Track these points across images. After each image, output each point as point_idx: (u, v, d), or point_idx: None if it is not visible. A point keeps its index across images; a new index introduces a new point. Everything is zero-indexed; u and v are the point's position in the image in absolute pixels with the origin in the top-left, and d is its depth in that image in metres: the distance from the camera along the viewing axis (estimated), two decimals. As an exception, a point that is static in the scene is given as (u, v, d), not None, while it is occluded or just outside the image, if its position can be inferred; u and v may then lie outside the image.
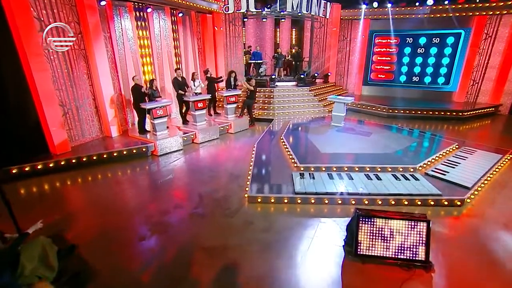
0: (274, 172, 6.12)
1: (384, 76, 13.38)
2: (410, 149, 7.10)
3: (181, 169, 6.87)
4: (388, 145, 7.23)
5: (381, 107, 11.26)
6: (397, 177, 5.67)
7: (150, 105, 7.46)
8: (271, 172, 6.11)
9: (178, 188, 5.96)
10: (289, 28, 15.31)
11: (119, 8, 7.97)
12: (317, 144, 7.31)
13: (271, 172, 6.13)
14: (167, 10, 9.23)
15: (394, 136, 8.10)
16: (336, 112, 8.84)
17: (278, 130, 9.03)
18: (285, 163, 6.49)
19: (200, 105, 8.56)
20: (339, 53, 13.79)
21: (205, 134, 8.48)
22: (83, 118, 7.57)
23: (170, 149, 7.71)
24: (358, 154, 6.66)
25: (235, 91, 9.51)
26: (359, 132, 8.30)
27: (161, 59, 9.39)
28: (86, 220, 4.83)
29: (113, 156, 7.07)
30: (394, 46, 12.82)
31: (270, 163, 6.60)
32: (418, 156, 6.59)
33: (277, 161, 6.65)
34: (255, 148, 7.48)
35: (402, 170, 5.99)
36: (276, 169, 6.25)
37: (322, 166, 6.07)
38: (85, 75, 7.48)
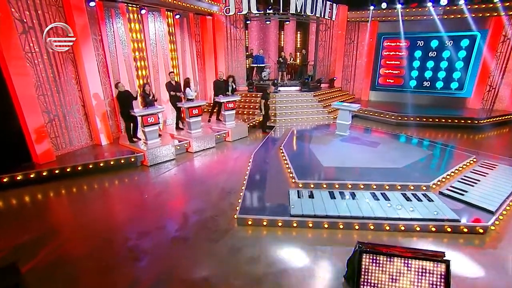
0: (269, 188, 5.49)
1: (393, 81, 12.61)
2: (421, 162, 6.37)
3: (169, 182, 6.31)
4: (397, 157, 6.52)
5: (390, 114, 10.51)
6: (407, 197, 4.98)
7: (140, 112, 6.95)
8: (266, 189, 5.48)
9: (163, 204, 5.39)
10: (294, 31, 14.69)
11: (110, 10, 7.51)
12: (319, 155, 6.65)
13: (266, 188, 5.51)
14: (163, 12, 8.75)
15: (404, 147, 7.38)
16: (340, 120, 8.16)
17: (279, 138, 8.41)
18: (283, 178, 5.86)
19: (195, 111, 8.01)
20: (346, 56, 13.10)
21: (200, 142, 7.92)
22: (71, 125, 7.11)
23: (162, 159, 7.17)
24: (363, 168, 5.97)
25: (233, 97, 8.93)
26: (366, 142, 7.61)
27: (156, 63, 8.90)
28: (53, 242, 4.29)
29: (99, 166, 6.56)
30: (404, 49, 12.05)
31: (266, 177, 5.97)
32: (431, 172, 5.87)
33: (274, 175, 6.03)
34: (251, 160, 6.88)
35: (413, 188, 5.28)
36: (272, 185, 5.62)
37: (323, 182, 5.41)
38: (73, 80, 7.03)
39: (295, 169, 5.91)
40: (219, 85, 8.84)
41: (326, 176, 5.69)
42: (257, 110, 10.60)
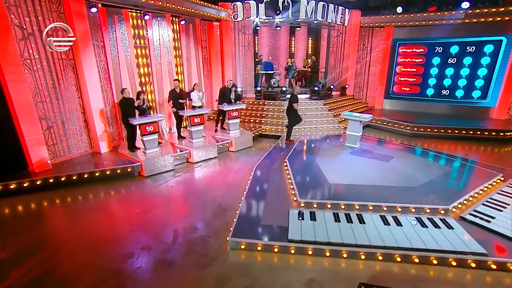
0: (268, 207, 5.01)
1: (408, 89, 11.87)
2: (439, 180, 5.71)
3: (165, 195, 5.95)
4: (411, 174, 5.89)
5: (405, 124, 9.80)
6: (423, 222, 4.37)
7: (139, 120, 6.67)
8: (264, 208, 5.00)
9: (154, 220, 5.02)
10: (305, 37, 14.23)
11: (113, 16, 7.34)
12: (325, 170, 6.11)
13: (264, 207, 5.02)
14: (167, 18, 8.53)
15: (419, 162, 6.71)
16: (351, 131, 7.59)
17: (284, 150, 7.92)
18: (284, 195, 5.36)
19: (197, 120, 7.66)
20: (358, 63, 12.49)
21: (201, 152, 7.56)
22: (70, 133, 6.92)
23: (160, 170, 6.85)
24: (373, 186, 5.39)
25: (238, 105, 8.55)
26: (377, 155, 6.99)
27: (160, 70, 8.66)
28: (33, 259, 3.97)
29: (95, 176, 6.30)
30: (421, 56, 11.33)
31: (265, 194, 5.49)
32: (450, 192, 5.20)
33: (275, 192, 5.54)
34: (252, 173, 6.43)
35: (430, 211, 4.66)
36: (271, 203, 5.13)
37: (327, 202, 4.88)
38: (73, 87, 6.86)
39: (298, 185, 5.41)
40: (225, 93, 8.48)
41: (332, 195, 5.15)
42: (264, 119, 10.19)
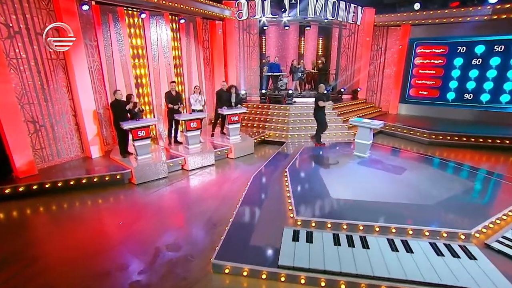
0: (261, 224, 4.58)
1: (426, 93, 11.17)
2: (460, 198, 5.11)
3: (153, 205, 5.62)
4: (426, 189, 5.32)
5: (421, 131, 9.15)
6: (438, 249, 3.83)
7: (130, 124, 6.41)
8: (257, 225, 4.58)
9: (137, 234, 4.69)
10: (316, 37, 13.74)
11: (108, 14, 7.15)
12: (329, 183, 5.63)
13: (257, 224, 4.60)
14: (166, 16, 8.29)
15: (437, 175, 6.11)
16: (359, 139, 7.06)
17: (286, 158, 7.47)
18: (280, 210, 4.92)
19: (194, 125, 7.34)
20: (371, 65, 11.90)
21: (197, 159, 7.22)
22: (60, 136, 6.74)
23: (152, 177, 6.55)
24: (382, 203, 4.86)
25: (238, 109, 8.18)
26: (388, 167, 6.44)
27: (157, 71, 8.42)
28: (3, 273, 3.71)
29: (81, 183, 6.06)
30: (441, 56, 10.64)
31: (260, 209, 5.06)
32: (472, 213, 4.62)
33: (270, 207, 5.11)
34: (249, 183, 6.02)
35: (447, 236, 4.11)
36: (265, 220, 4.70)
37: (327, 221, 4.40)
38: (64, 88, 6.69)
39: (296, 200, 4.96)
40: (221, 95, 8.13)
41: (333, 213, 4.66)
42: (267, 123, 9.78)
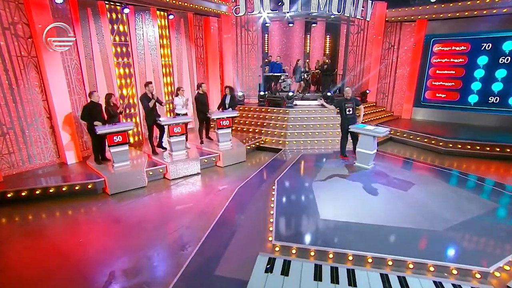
0: (233, 249, 4.02)
1: (444, 96, 10.31)
2: (478, 223, 4.36)
3: (121, 220, 5.15)
4: (437, 211, 4.61)
5: (437, 138, 8.34)
6: (445, 292, 3.15)
7: (104, 129, 6.00)
8: (229, 249, 4.01)
9: (95, 254, 4.22)
10: (323, 35, 13.13)
11: (87, 8, 6.82)
12: (321, 200, 5.00)
13: (229, 248, 4.04)
14: (153, 12, 7.91)
15: (451, 193, 5.35)
16: (361, 148, 6.40)
17: (279, 168, 6.87)
18: (258, 232, 4.33)
19: (177, 129, 6.88)
20: (382, 64, 11.13)
21: (180, 168, 6.74)
22: (31, 140, 6.43)
23: (128, 187, 6.12)
24: (380, 227, 4.20)
25: (229, 113, 7.67)
26: (394, 181, 5.74)
27: (143, 71, 8.04)
28: None
29: (49, 192, 5.68)
30: (462, 55, 9.79)
31: (235, 229, 4.50)
32: (494, 244, 3.89)
33: (248, 227, 4.54)
34: (231, 198, 5.47)
35: (458, 273, 3.41)
36: (240, 243, 4.14)
37: (311, 248, 3.79)
38: (36, 88, 6.37)
39: (278, 220, 4.38)
40: (201, 100, 7.62)
41: (319, 238, 4.04)
42: (264, 128, 9.21)
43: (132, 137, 8.12)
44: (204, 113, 7.68)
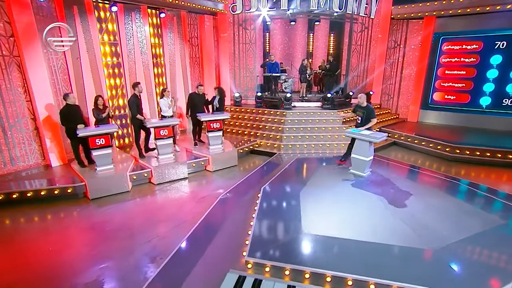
0: (203, 264, 3.73)
1: (454, 98, 9.74)
2: (481, 242, 3.93)
3: (96, 227, 4.95)
4: (434, 226, 4.20)
5: (443, 144, 7.83)
6: (432, 325, 2.77)
7: (84, 132, 5.83)
8: (199, 264, 3.73)
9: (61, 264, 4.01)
10: (327, 33, 12.73)
11: (73, 7, 6.68)
12: (306, 211, 4.66)
13: (199, 263, 3.75)
14: (144, 10, 7.73)
15: (452, 207, 4.90)
16: (356, 154, 6.00)
17: (269, 173, 6.54)
18: (233, 246, 4.03)
19: (164, 132, 6.65)
20: (388, 64, 10.64)
21: (165, 172, 6.51)
22: (14, 142, 6.32)
23: (111, 192, 5.93)
24: (367, 244, 3.82)
25: (220, 115, 7.40)
26: (390, 192, 5.33)
27: (133, 71, 7.86)
28: None
29: (26, 196, 5.54)
30: (474, 54, 9.22)
31: (211, 242, 4.20)
32: (496, 267, 3.47)
33: (224, 239, 4.25)
34: (212, 206, 5.19)
35: (451, 302, 3.02)
36: (212, 257, 3.85)
37: (286, 266, 3.46)
38: (19, 89, 6.27)
39: (255, 234, 4.07)
40: (195, 100, 7.40)
41: (298, 255, 3.70)
42: (260, 131, 8.90)
43: (123, 139, 7.98)
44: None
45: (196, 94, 7.41)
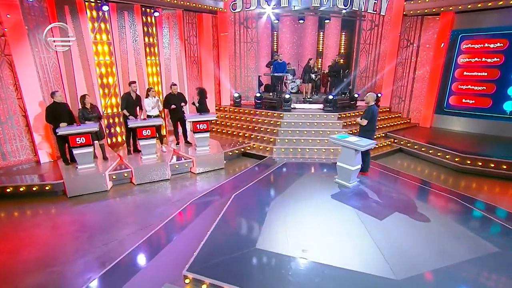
0: (144, 276, 3.51)
1: (473, 102, 8.76)
2: (453, 276, 3.34)
3: (62, 226, 4.94)
4: (408, 252, 3.66)
5: (452, 153, 7.02)
6: None
7: (65, 130, 5.87)
8: (139, 275, 3.52)
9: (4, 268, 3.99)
10: (338, 32, 12.05)
11: (64, 6, 6.77)
12: (269, 224, 4.28)
13: (138, 275, 3.53)
14: (136, 9, 7.69)
15: (439, 228, 4.28)
16: (341, 162, 5.49)
17: (250, 178, 6.19)
18: (179, 258, 3.76)
19: (147, 132, 6.55)
20: (399, 65, 9.82)
21: (146, 172, 6.41)
22: (5, 138, 6.53)
23: (90, 190, 5.93)
24: (320, 267, 3.39)
25: (207, 116, 7.19)
26: (371, 206, 4.79)
27: (126, 70, 7.87)
28: None
29: (6, 192, 5.67)
30: (498, 53, 8.21)
31: (159, 250, 3.98)
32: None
33: (176, 250, 4.00)
34: (178, 211, 5.00)
35: None
36: (156, 269, 3.62)
37: (224, 286, 3.14)
38: (10, 86, 6.45)
39: (205, 245, 3.77)
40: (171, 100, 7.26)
41: (242, 274, 3.35)
42: (255, 133, 8.57)
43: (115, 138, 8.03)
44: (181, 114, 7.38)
45: (172, 94, 7.26)
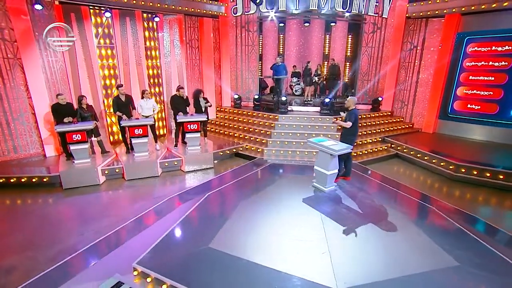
0: (98, 266, 3.67)
1: (479, 107, 8.18)
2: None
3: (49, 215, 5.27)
4: (363, 265, 3.52)
5: (447, 161, 6.60)
6: None
7: (62, 128, 6.27)
8: (98, 265, 3.69)
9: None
10: (345, 35, 11.74)
11: (70, 14, 7.23)
12: (231, 225, 4.30)
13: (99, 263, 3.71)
14: (138, 15, 8.02)
15: (409, 240, 4.06)
16: (318, 166, 5.37)
17: (231, 179, 6.22)
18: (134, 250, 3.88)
19: (139, 131, 6.82)
20: (402, 68, 9.38)
21: (137, 169, 6.67)
22: (17, 133, 7.10)
23: (83, 183, 6.28)
24: (269, 271, 3.35)
25: (198, 117, 7.34)
26: (340, 212, 4.65)
27: (128, 72, 8.22)
28: None
29: (10, 182, 6.16)
30: (506, 57, 7.62)
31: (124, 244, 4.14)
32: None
33: (137, 243, 4.13)
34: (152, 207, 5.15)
35: None
36: (111, 260, 3.77)
37: (166, 281, 3.22)
38: (22, 87, 7.00)
39: (162, 241, 3.87)
40: (177, 102, 7.42)
41: (187, 271, 3.41)
42: (250, 134, 8.59)
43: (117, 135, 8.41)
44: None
45: (178, 96, 7.45)
